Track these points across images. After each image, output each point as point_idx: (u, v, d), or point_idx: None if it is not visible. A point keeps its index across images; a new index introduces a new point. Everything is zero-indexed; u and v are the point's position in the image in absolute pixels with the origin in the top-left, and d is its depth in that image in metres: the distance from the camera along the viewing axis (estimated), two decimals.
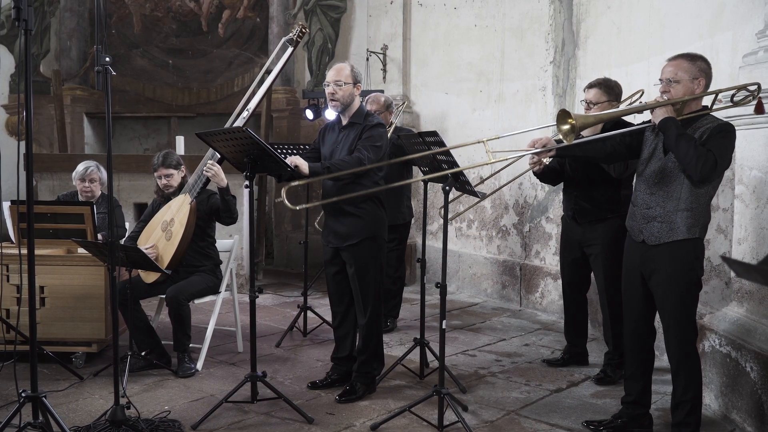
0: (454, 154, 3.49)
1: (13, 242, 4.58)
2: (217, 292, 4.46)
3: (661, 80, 3.11)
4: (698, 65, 3.06)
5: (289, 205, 3.47)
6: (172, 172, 4.37)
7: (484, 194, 4.21)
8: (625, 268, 3.34)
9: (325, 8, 8.06)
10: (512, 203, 6.38)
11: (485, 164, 3.50)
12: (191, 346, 4.27)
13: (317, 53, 8.13)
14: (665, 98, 3.08)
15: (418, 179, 3.95)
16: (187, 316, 4.20)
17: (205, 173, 4.03)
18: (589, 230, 4.10)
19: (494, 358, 4.61)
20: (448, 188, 3.40)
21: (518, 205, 6.32)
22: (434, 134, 3.55)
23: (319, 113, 6.81)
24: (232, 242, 4.68)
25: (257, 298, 3.64)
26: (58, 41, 8.57)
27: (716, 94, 3.09)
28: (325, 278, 4.06)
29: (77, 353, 4.29)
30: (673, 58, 3.12)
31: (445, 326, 3.41)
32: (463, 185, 3.58)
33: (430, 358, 4.25)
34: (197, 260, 4.37)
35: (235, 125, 3.84)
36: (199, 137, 3.57)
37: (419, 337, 4.18)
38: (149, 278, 4.24)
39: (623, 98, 4.10)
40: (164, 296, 4.22)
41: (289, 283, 7.25)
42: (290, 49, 4.09)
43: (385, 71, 7.49)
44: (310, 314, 5.17)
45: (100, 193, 4.90)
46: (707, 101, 3.16)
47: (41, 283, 4.16)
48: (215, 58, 8.68)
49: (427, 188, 4.27)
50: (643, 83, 4.56)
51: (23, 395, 2.93)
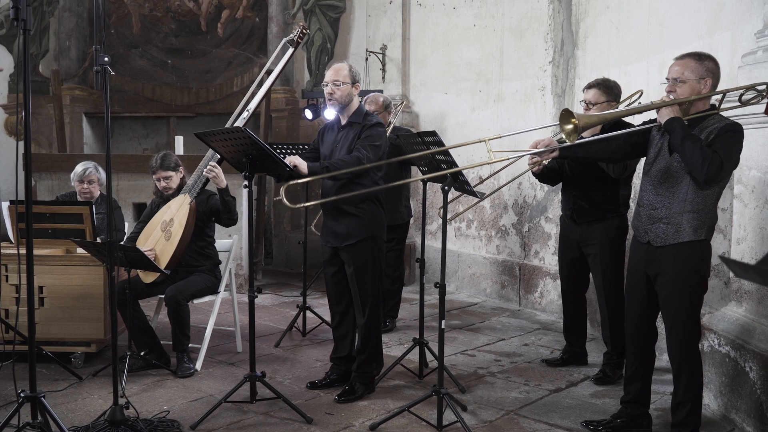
0: (453, 153, 3.49)
1: (11, 242, 4.58)
2: (216, 292, 4.46)
3: (667, 79, 3.07)
4: (705, 65, 3.00)
5: (287, 204, 3.47)
6: (170, 174, 4.36)
7: (483, 194, 4.20)
8: (629, 268, 3.32)
9: (324, 8, 8.05)
10: (511, 203, 6.37)
11: (486, 164, 3.50)
12: (190, 346, 4.27)
13: (316, 53, 8.12)
14: (671, 98, 3.02)
15: (417, 179, 3.95)
16: (186, 316, 4.20)
17: (205, 174, 4.03)
18: (587, 230, 4.10)
19: (493, 358, 4.61)
20: (447, 188, 3.39)
21: (517, 205, 6.32)
22: (433, 134, 3.55)
23: (318, 113, 6.80)
24: (231, 242, 4.68)
25: (256, 298, 3.64)
26: (57, 41, 8.57)
27: (723, 94, 3.04)
28: (324, 278, 4.07)
29: (76, 353, 4.28)
30: (680, 57, 3.06)
31: (444, 326, 3.41)
32: (462, 185, 3.57)
33: (429, 358, 4.25)
34: (196, 260, 4.37)
35: (235, 125, 3.84)
36: (197, 137, 3.57)
37: (418, 337, 4.18)
38: (148, 278, 4.23)
39: (622, 98, 4.10)
40: (163, 296, 4.22)
41: (288, 283, 7.25)
42: (290, 49, 4.09)
43: (384, 71, 7.49)
44: (309, 314, 5.17)
45: (99, 193, 4.89)
46: (714, 100, 3.11)
47: (40, 283, 4.16)
48: (214, 58, 8.68)
49: (426, 188, 4.28)
50: (642, 83, 4.56)
51: (22, 395, 2.93)
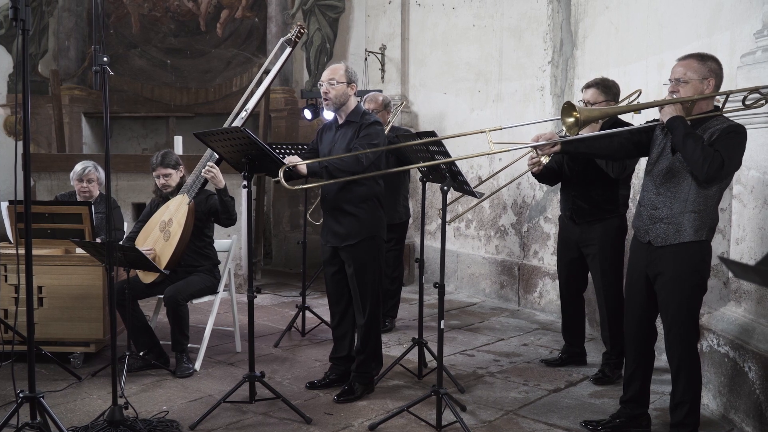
0: (452, 153, 3.48)
1: (11, 242, 4.58)
2: (215, 292, 4.46)
3: (670, 80, 3.07)
4: (708, 65, 3.01)
5: (286, 185, 3.43)
6: (170, 171, 4.36)
7: (482, 194, 4.20)
8: (629, 268, 3.31)
9: (323, 8, 8.04)
10: (510, 203, 6.37)
11: (486, 154, 3.43)
12: (189, 346, 4.28)
13: (315, 53, 8.12)
14: (674, 98, 3.03)
15: (415, 166, 3.82)
16: (185, 316, 4.20)
17: (204, 175, 4.03)
18: (587, 230, 4.10)
19: (492, 358, 4.61)
20: (446, 188, 3.40)
21: (516, 205, 6.32)
22: (432, 134, 3.55)
23: (317, 113, 6.81)
24: (230, 242, 4.68)
25: (255, 298, 3.64)
26: (56, 41, 8.56)
27: (727, 95, 3.04)
28: (323, 278, 4.07)
29: (75, 353, 4.28)
30: (683, 57, 3.07)
31: (443, 326, 3.41)
32: (461, 185, 3.57)
33: (428, 358, 4.25)
34: (195, 260, 4.37)
35: (233, 125, 3.84)
36: (196, 137, 3.56)
37: (417, 337, 4.18)
38: (147, 278, 4.23)
39: (621, 98, 4.10)
40: (162, 296, 4.22)
41: (287, 283, 7.25)
42: (288, 49, 4.09)
43: (383, 71, 7.49)
44: (308, 314, 5.17)
45: (98, 193, 4.88)
46: (718, 101, 3.10)
47: (39, 283, 4.16)
48: (213, 57, 8.67)
49: (425, 188, 4.27)
50: (641, 83, 4.56)
51: (21, 395, 2.93)
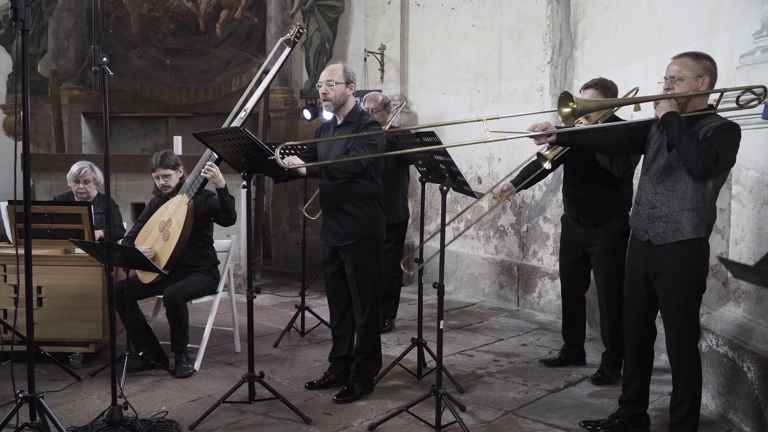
0: (451, 154, 3.49)
1: (10, 242, 4.58)
2: (214, 292, 4.46)
3: (665, 78, 3.10)
4: (703, 64, 3.04)
5: (281, 164, 3.41)
6: (170, 172, 4.36)
7: (481, 194, 4.20)
8: (628, 267, 3.32)
9: (322, 8, 8.05)
10: (510, 203, 6.37)
11: (482, 142, 3.35)
12: (189, 346, 4.27)
13: (315, 53, 8.12)
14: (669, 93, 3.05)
15: (415, 150, 3.69)
16: (184, 316, 4.20)
17: (203, 175, 4.03)
18: (591, 230, 4.10)
19: (492, 358, 4.61)
20: (446, 189, 3.40)
21: (516, 205, 6.32)
22: (432, 135, 3.55)
23: (316, 113, 6.81)
24: (229, 242, 4.68)
25: (255, 298, 3.65)
26: (55, 41, 8.56)
27: (721, 93, 3.07)
28: (322, 278, 4.07)
29: (74, 353, 4.28)
30: (678, 56, 3.10)
31: (442, 326, 3.41)
32: (461, 185, 3.57)
33: (427, 358, 4.25)
34: (195, 260, 4.37)
35: (232, 125, 3.84)
36: (196, 137, 3.57)
37: (417, 337, 4.18)
38: (147, 278, 4.23)
39: (619, 96, 4.10)
40: (162, 296, 4.22)
41: (286, 283, 7.25)
42: (287, 49, 4.09)
43: (382, 71, 7.49)
44: (307, 314, 5.17)
45: (95, 193, 4.88)
46: (712, 100, 3.13)
47: (38, 283, 4.16)
48: (213, 58, 8.67)
49: (424, 188, 4.27)
50: (640, 83, 4.56)
51: (20, 396, 2.93)
